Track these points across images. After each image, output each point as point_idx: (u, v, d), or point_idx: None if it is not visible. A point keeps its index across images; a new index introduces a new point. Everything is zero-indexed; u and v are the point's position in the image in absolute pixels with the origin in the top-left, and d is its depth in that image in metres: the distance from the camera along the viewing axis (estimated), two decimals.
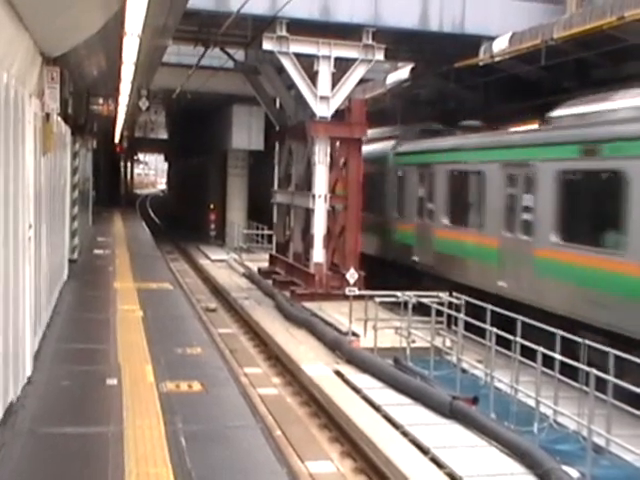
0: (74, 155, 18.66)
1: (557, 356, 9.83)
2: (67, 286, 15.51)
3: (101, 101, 22.40)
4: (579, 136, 12.79)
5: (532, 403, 10.00)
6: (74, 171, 18.87)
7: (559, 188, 13.05)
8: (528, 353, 10.32)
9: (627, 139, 11.55)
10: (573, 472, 8.21)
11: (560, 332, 10.35)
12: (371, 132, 20.17)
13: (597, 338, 10.42)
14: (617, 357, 9.17)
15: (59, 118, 12.58)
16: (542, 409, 9.87)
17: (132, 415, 7.73)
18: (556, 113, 14.21)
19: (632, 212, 11.15)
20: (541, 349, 9.85)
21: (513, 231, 14.43)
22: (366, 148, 20.38)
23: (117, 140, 42.06)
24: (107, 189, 47.43)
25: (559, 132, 13.63)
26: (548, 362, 9.92)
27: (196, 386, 8.90)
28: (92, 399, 8.42)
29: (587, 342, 9.80)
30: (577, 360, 9.65)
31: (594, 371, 8.78)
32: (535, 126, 15.83)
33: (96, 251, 22.18)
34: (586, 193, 12.59)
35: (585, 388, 9.22)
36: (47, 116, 10.44)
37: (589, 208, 12.59)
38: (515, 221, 14.40)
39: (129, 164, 70.70)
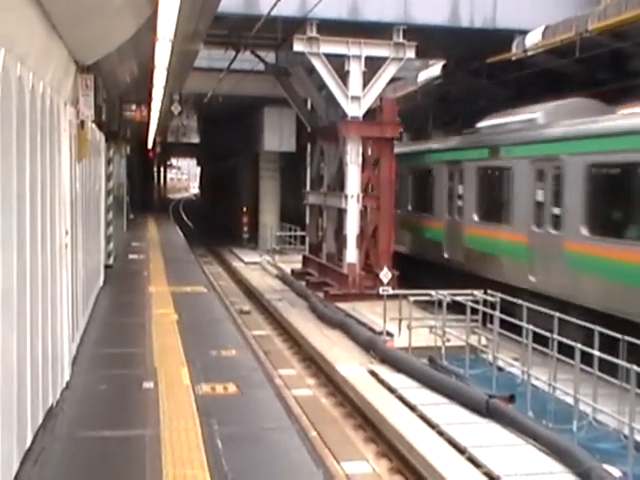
0: (108, 161, 18.85)
1: (596, 352, 9.69)
2: (103, 291, 15.67)
3: (134, 107, 22.60)
4: None
5: (570, 401, 9.88)
6: (108, 177, 19.05)
7: None
8: (566, 350, 10.21)
9: None
10: (614, 471, 8.08)
11: (598, 328, 10.21)
12: None
13: None
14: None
15: (93, 125, 12.72)
16: (581, 407, 9.75)
17: (169, 418, 7.79)
18: None
19: None
20: (579, 346, 9.73)
21: None
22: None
23: (150, 145, 42.41)
24: (141, 194, 47.87)
25: None
26: (587, 359, 9.79)
27: (231, 388, 8.94)
28: (129, 402, 8.50)
29: (626, 338, 9.66)
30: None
31: (635, 367, 8.64)
32: None
33: (131, 256, 22.39)
34: None
35: (625, 385, 9.08)
36: (82, 123, 10.55)
37: None
38: None
39: (162, 169, 71.37)
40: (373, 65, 18.90)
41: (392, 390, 11.54)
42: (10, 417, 5.80)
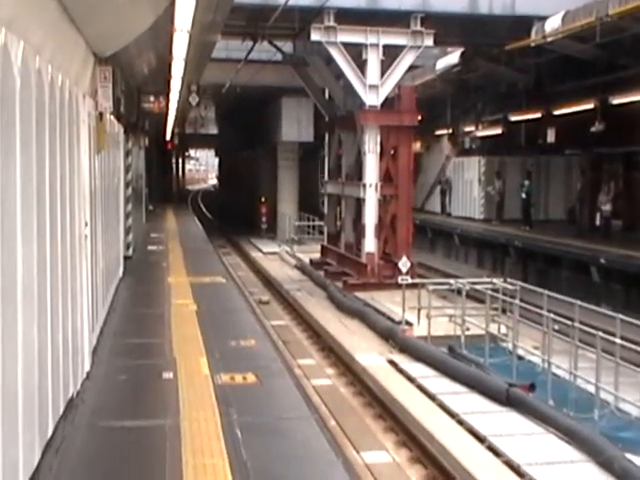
0: (127, 153, 18.89)
1: (617, 340, 9.62)
2: (123, 282, 15.73)
3: (152, 99, 22.65)
4: None
5: (592, 389, 9.83)
6: (127, 169, 19.11)
7: None
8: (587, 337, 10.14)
9: None
10: (637, 460, 8.04)
11: (620, 316, 10.13)
12: None
13: None
14: None
15: (112, 117, 12.75)
16: (602, 395, 9.69)
17: (188, 407, 7.82)
18: None
19: None
20: (600, 333, 9.66)
21: None
22: None
23: (168, 137, 42.50)
24: (159, 186, 47.96)
25: None
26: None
27: (250, 378, 8.96)
28: (149, 392, 8.55)
29: None
30: None
31: None
32: None
33: (150, 247, 22.46)
34: None
35: None
36: (100, 115, 10.58)
37: None
38: None
39: (180, 160, 71.46)
40: (391, 53, 18.81)
41: (411, 379, 11.53)
42: (32, 407, 5.85)
